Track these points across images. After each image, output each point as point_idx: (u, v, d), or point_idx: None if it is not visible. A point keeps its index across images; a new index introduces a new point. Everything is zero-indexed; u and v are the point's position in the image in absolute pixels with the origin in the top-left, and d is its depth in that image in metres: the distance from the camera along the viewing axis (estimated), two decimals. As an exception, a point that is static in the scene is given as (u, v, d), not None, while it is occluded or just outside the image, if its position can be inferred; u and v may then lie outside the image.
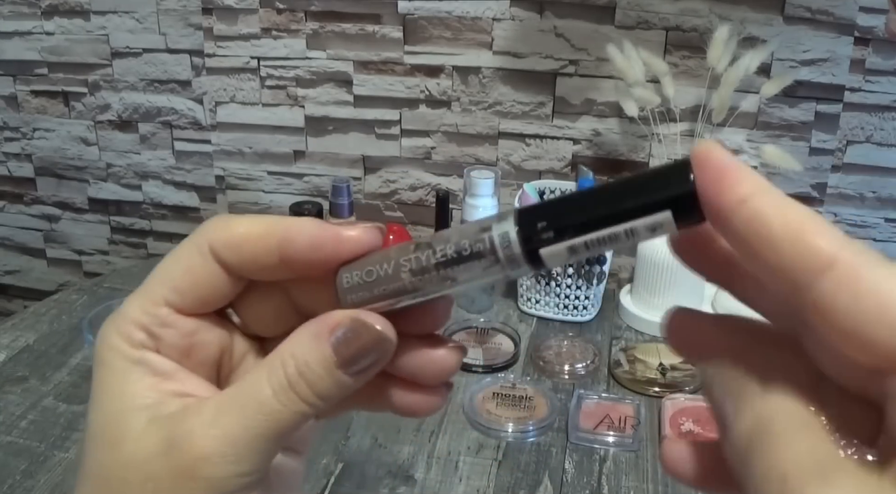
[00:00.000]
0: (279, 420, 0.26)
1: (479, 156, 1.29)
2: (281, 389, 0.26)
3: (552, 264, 0.25)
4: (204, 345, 0.29)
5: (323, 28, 1.27)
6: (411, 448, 0.89)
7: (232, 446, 0.26)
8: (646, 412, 0.94)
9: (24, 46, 1.39)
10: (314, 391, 0.26)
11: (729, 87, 1.04)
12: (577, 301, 1.13)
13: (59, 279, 1.57)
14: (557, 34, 1.19)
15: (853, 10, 1.10)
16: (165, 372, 0.28)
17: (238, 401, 0.26)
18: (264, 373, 0.27)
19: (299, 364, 0.26)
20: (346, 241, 0.27)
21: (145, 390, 0.27)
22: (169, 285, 0.28)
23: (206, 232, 0.28)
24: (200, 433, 0.26)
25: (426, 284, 0.26)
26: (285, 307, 0.29)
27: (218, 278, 0.28)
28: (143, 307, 0.28)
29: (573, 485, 0.84)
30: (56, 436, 0.89)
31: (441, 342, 0.29)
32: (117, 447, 0.26)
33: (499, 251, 0.25)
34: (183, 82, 1.35)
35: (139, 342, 0.27)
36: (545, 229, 0.24)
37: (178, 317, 0.28)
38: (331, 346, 0.26)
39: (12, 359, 1.02)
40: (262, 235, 0.27)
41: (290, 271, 0.28)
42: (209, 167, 1.40)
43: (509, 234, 0.25)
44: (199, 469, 0.25)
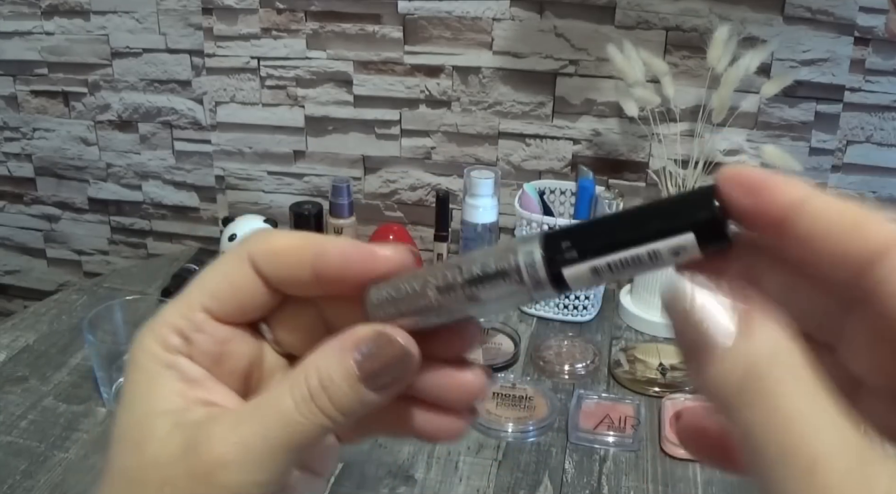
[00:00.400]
0: (299, 432, 0.26)
1: (479, 156, 1.29)
2: (303, 401, 0.26)
3: (576, 285, 0.25)
4: (235, 355, 0.29)
5: (323, 28, 1.27)
6: (411, 448, 0.89)
7: (250, 454, 0.26)
8: (646, 412, 0.94)
9: (24, 46, 1.39)
10: (336, 404, 0.26)
11: (729, 87, 1.04)
12: (577, 301, 1.13)
13: (59, 279, 1.57)
14: (557, 34, 1.19)
15: (853, 10, 1.10)
16: (194, 379, 0.28)
17: (259, 411, 0.27)
18: (287, 385, 0.27)
19: (322, 377, 0.26)
20: (378, 259, 0.27)
21: (173, 395, 0.27)
22: (207, 292, 0.29)
23: (247, 244, 0.29)
24: (219, 439, 0.26)
25: (451, 302, 0.26)
26: (317, 326, 0.30)
27: (255, 287, 0.29)
28: (180, 311, 0.29)
29: (573, 485, 0.84)
30: (56, 436, 0.89)
31: (468, 366, 0.29)
32: (140, 449, 0.27)
33: (523, 271, 0.25)
34: (183, 82, 1.35)
35: (173, 346, 0.28)
36: (569, 249, 0.24)
37: (214, 324, 0.29)
38: (354, 360, 0.26)
39: (12, 359, 1.02)
40: (299, 247, 0.28)
41: (323, 286, 0.28)
42: (209, 167, 1.40)
43: (534, 254, 0.25)
44: (215, 474, 0.26)
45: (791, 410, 0.20)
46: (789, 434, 0.20)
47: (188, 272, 1.18)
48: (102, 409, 0.94)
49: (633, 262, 0.24)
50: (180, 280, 1.16)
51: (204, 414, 0.27)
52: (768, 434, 0.20)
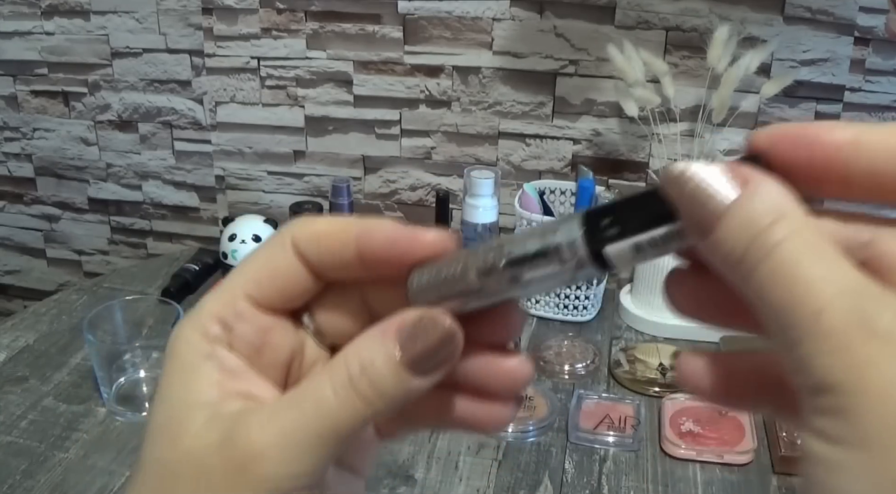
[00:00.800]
0: (338, 420, 0.25)
1: (479, 156, 1.29)
2: (342, 387, 0.25)
3: (619, 264, 0.24)
4: (276, 346, 0.28)
5: (323, 28, 1.27)
6: (411, 448, 0.89)
7: (288, 444, 0.25)
8: (646, 412, 0.94)
9: (24, 46, 1.39)
10: (377, 390, 0.25)
11: (729, 87, 1.04)
12: (577, 301, 1.13)
13: (59, 279, 1.57)
14: (557, 34, 1.19)
15: (853, 10, 1.10)
16: (233, 370, 0.27)
17: (297, 400, 0.26)
18: (327, 372, 0.26)
19: (363, 362, 0.26)
20: (422, 240, 0.27)
21: (210, 386, 0.27)
22: (249, 278, 0.28)
23: (289, 228, 0.28)
24: (256, 430, 0.25)
25: (493, 284, 0.26)
26: (360, 314, 0.29)
27: (297, 272, 0.28)
28: (221, 300, 0.28)
29: (573, 485, 0.84)
30: (56, 436, 0.89)
31: (513, 352, 0.28)
32: (175, 441, 0.26)
33: (564, 250, 0.25)
34: (183, 82, 1.35)
35: (213, 335, 0.27)
36: (609, 226, 0.24)
37: (255, 312, 0.28)
38: (397, 344, 0.26)
39: (12, 359, 1.02)
40: (342, 229, 0.28)
41: (366, 268, 0.27)
42: (209, 167, 1.40)
43: (574, 232, 0.24)
44: (252, 465, 0.25)
45: (797, 261, 0.20)
46: (796, 284, 0.20)
47: (188, 272, 1.18)
48: (102, 409, 0.94)
49: (676, 235, 0.23)
50: (180, 280, 1.16)
51: (241, 407, 0.26)
52: (777, 288, 0.21)
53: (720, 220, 0.22)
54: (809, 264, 0.20)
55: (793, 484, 0.84)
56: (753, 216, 0.21)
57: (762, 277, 0.21)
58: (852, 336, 0.20)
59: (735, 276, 0.22)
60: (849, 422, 0.19)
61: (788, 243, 0.21)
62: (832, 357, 0.20)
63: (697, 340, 1.07)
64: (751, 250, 0.21)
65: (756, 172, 0.22)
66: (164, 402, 0.27)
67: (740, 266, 0.21)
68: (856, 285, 0.20)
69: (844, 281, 0.20)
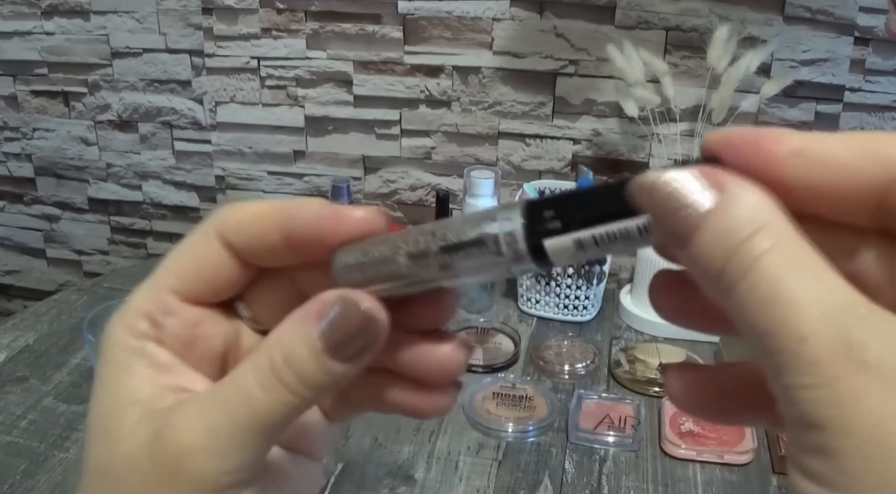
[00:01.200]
0: (265, 412, 0.24)
1: (479, 156, 1.29)
2: (266, 378, 0.25)
3: (558, 260, 0.23)
4: (207, 337, 0.28)
5: (323, 28, 1.27)
6: (411, 447, 0.89)
7: (217, 440, 0.24)
8: (646, 412, 0.94)
9: (24, 46, 1.39)
10: (300, 378, 0.24)
11: (729, 87, 1.04)
12: (577, 301, 1.13)
13: (59, 279, 1.57)
14: (557, 34, 1.19)
15: (853, 10, 1.10)
16: (164, 365, 0.27)
17: (223, 393, 0.25)
18: (250, 362, 0.25)
19: (285, 350, 0.25)
20: (348, 219, 0.26)
21: (142, 383, 0.26)
22: (174, 272, 0.28)
23: (212, 218, 0.28)
24: (184, 425, 0.25)
25: (422, 269, 0.24)
26: (294, 300, 0.28)
27: (223, 261, 0.27)
28: (147, 296, 0.27)
29: (573, 485, 0.84)
30: (56, 436, 0.89)
31: (447, 339, 0.27)
32: (110, 440, 0.26)
33: (501, 241, 0.23)
34: (183, 82, 1.35)
35: (141, 331, 0.27)
36: (551, 219, 0.22)
37: (183, 306, 0.27)
38: (317, 330, 0.25)
39: (12, 359, 1.02)
40: (267, 213, 0.27)
41: (294, 252, 0.27)
42: (209, 167, 1.40)
43: (513, 222, 0.23)
44: (182, 462, 0.24)
45: (779, 278, 0.19)
46: (778, 305, 0.19)
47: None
48: (102, 409, 0.94)
49: (622, 236, 0.22)
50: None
51: (173, 401, 0.26)
52: (758, 309, 0.19)
53: (696, 230, 0.20)
54: (792, 282, 0.19)
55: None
56: (732, 226, 0.20)
57: (742, 295, 0.19)
58: (839, 368, 0.18)
59: (715, 292, 0.20)
60: (835, 464, 0.18)
61: (770, 257, 0.19)
62: (818, 391, 0.18)
63: (697, 340, 1.07)
64: (730, 265, 0.19)
65: (733, 177, 0.20)
66: (99, 402, 0.27)
67: (720, 282, 0.20)
68: (842, 304, 0.19)
69: (830, 301, 0.19)
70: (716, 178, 0.20)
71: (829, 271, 0.19)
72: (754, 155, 0.21)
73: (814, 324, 0.18)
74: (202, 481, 0.24)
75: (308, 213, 0.26)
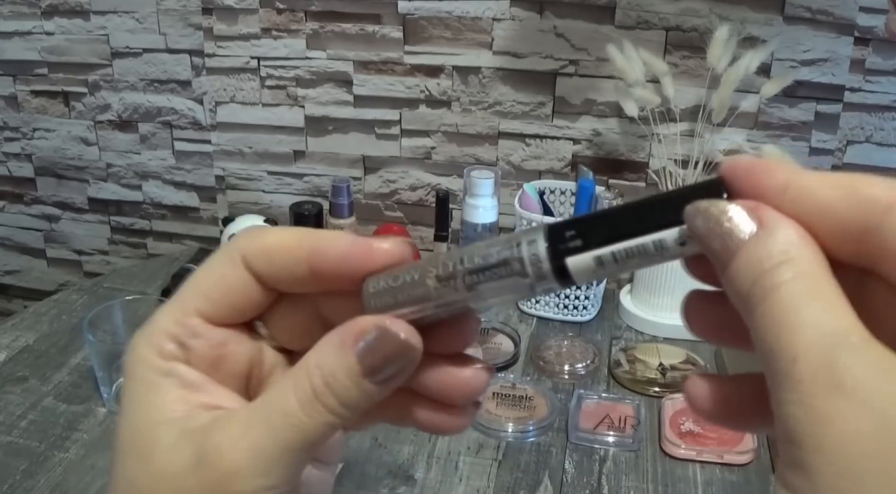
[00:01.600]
0: (307, 432, 0.26)
1: (479, 156, 1.29)
2: (308, 401, 0.26)
3: (579, 277, 0.24)
4: (233, 356, 0.29)
5: (323, 28, 1.27)
6: (411, 447, 0.89)
7: (261, 459, 0.25)
8: (646, 412, 0.94)
9: (24, 46, 1.39)
10: (340, 401, 0.26)
11: (729, 87, 1.04)
12: (577, 301, 1.13)
13: (59, 279, 1.57)
14: (557, 34, 1.19)
15: (853, 10, 1.10)
16: (194, 384, 0.28)
17: (265, 414, 0.26)
18: (290, 384, 0.26)
19: (325, 375, 0.26)
20: (377, 253, 0.27)
21: (174, 403, 0.27)
22: (200, 295, 0.28)
23: (238, 243, 0.28)
24: (229, 446, 0.26)
25: (451, 293, 0.26)
26: (314, 321, 0.29)
27: (249, 287, 0.28)
28: (174, 318, 0.28)
29: (573, 485, 0.84)
30: (56, 436, 0.89)
31: (469, 362, 0.28)
32: (148, 460, 0.26)
33: (526, 261, 0.25)
34: (183, 82, 1.35)
35: (169, 353, 0.28)
36: (572, 239, 0.24)
37: (209, 327, 0.28)
38: (356, 355, 0.26)
39: (12, 359, 1.02)
40: (293, 245, 0.27)
41: (320, 283, 0.28)
42: (209, 167, 1.40)
43: (537, 244, 0.24)
44: (228, 483, 0.25)
45: (791, 305, 0.21)
46: (783, 328, 0.20)
47: (188, 272, 1.17)
48: (102, 409, 0.94)
49: (639, 252, 0.24)
50: (180, 280, 1.15)
51: (209, 419, 0.27)
52: (768, 330, 0.21)
53: (733, 256, 0.22)
54: (801, 309, 0.20)
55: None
56: (762, 256, 0.22)
57: (759, 317, 0.21)
58: (818, 388, 0.19)
59: (742, 312, 0.22)
60: (807, 479, 0.19)
61: (788, 286, 0.21)
62: (798, 408, 0.20)
63: (697, 340, 1.07)
64: (754, 289, 0.21)
65: (774, 213, 0.22)
66: (130, 421, 0.27)
67: (746, 304, 0.22)
68: (837, 331, 0.20)
69: (827, 327, 0.20)
70: (758, 212, 0.22)
71: (840, 302, 0.21)
72: (756, 184, 0.23)
73: (806, 346, 0.20)
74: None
75: (336, 249, 0.27)
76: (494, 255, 0.25)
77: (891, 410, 0.19)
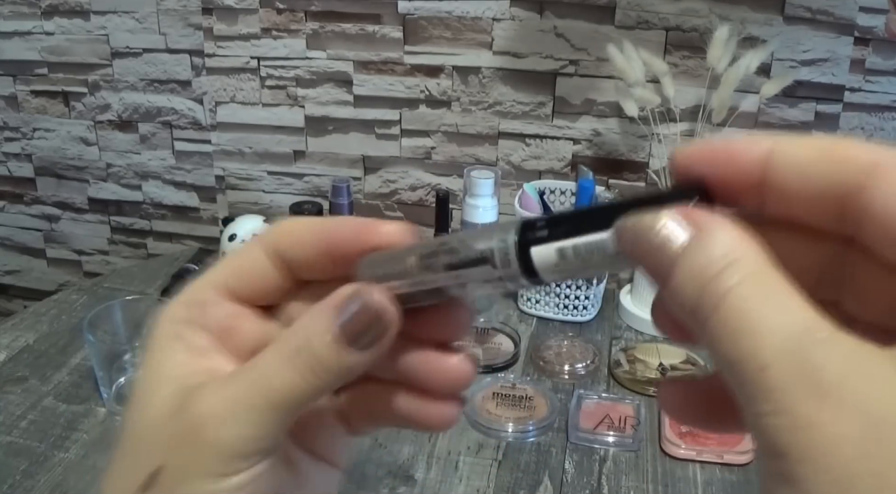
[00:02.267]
0: (281, 389, 0.27)
1: (479, 156, 1.29)
2: (287, 358, 0.27)
3: (544, 270, 0.24)
4: (244, 332, 0.30)
5: (323, 28, 1.27)
6: (411, 447, 0.89)
7: (233, 409, 0.26)
8: (646, 412, 0.94)
9: (24, 46, 1.39)
10: (318, 361, 0.27)
11: (729, 87, 1.04)
12: (576, 301, 1.13)
13: (59, 279, 1.57)
14: (557, 34, 1.19)
15: (853, 10, 1.10)
16: (200, 349, 0.29)
17: (245, 370, 0.28)
18: (273, 345, 0.28)
19: (306, 336, 0.27)
20: (381, 230, 0.28)
21: (179, 364, 0.29)
22: (225, 272, 0.30)
23: (268, 230, 0.30)
24: (208, 395, 0.27)
25: (428, 272, 0.27)
26: None
27: (267, 271, 0.30)
28: (197, 286, 0.30)
29: (573, 485, 0.84)
30: (56, 436, 0.89)
31: (455, 352, 0.29)
32: (144, 410, 0.28)
33: (495, 249, 0.25)
34: (183, 82, 1.35)
35: (183, 317, 0.29)
36: (541, 229, 0.25)
37: (225, 301, 0.30)
38: (333, 318, 0.27)
39: (12, 359, 1.02)
40: (311, 228, 0.29)
41: (334, 263, 0.29)
42: (209, 167, 1.40)
43: (511, 232, 0.25)
44: (201, 430, 0.26)
45: (745, 310, 0.19)
46: (742, 336, 0.19)
47: (188, 272, 1.18)
48: (102, 409, 0.94)
49: (598, 248, 0.23)
50: (180, 280, 1.15)
51: (205, 379, 0.28)
52: (726, 341, 0.20)
53: (672, 270, 0.21)
54: (757, 312, 0.19)
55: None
56: (704, 263, 0.20)
57: (713, 328, 0.20)
58: (796, 394, 0.18)
59: (692, 325, 0.21)
60: (798, 490, 0.18)
61: (738, 290, 0.20)
62: (777, 418, 0.19)
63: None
64: (703, 300, 0.20)
65: (709, 215, 0.21)
66: (141, 377, 0.29)
67: (695, 318, 0.20)
68: (803, 330, 0.19)
69: (791, 328, 0.19)
70: (692, 217, 0.21)
71: (796, 299, 0.20)
72: (728, 165, 0.22)
73: (774, 352, 0.19)
74: (220, 444, 0.26)
75: (347, 227, 0.29)
76: (472, 240, 0.26)
77: (873, 408, 0.18)
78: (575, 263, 0.24)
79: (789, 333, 0.19)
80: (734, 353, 0.19)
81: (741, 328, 0.19)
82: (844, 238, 0.22)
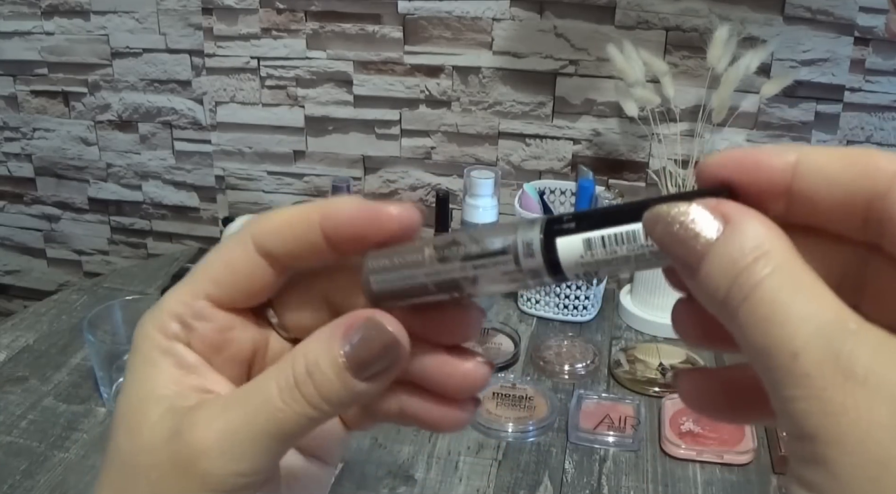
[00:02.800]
0: (282, 420, 0.25)
1: (479, 156, 1.29)
2: (287, 388, 0.25)
3: (569, 264, 0.24)
4: (237, 342, 0.28)
5: (323, 28, 1.27)
6: (411, 447, 0.89)
7: (231, 441, 0.25)
8: (646, 412, 0.94)
9: (24, 46, 1.39)
10: (321, 393, 0.25)
11: (729, 87, 1.04)
12: (577, 301, 1.13)
13: (59, 279, 1.57)
14: (557, 34, 1.19)
15: (853, 10, 1.10)
16: (190, 365, 0.28)
17: (244, 397, 0.26)
18: (275, 371, 0.26)
19: (309, 364, 0.26)
20: (387, 215, 0.26)
21: (167, 381, 0.27)
22: (209, 277, 0.28)
23: (247, 226, 0.28)
24: (203, 425, 0.25)
25: (445, 264, 0.26)
26: (323, 309, 0.29)
27: (257, 268, 0.28)
28: (181, 299, 0.28)
29: (573, 485, 0.84)
30: (56, 436, 0.89)
31: (470, 356, 0.28)
32: (133, 433, 0.27)
33: (519, 241, 0.25)
34: (183, 82, 1.35)
35: (172, 332, 0.28)
36: (567, 222, 0.24)
37: (215, 311, 0.28)
38: (342, 348, 0.26)
39: (12, 359, 1.02)
40: (304, 214, 0.27)
41: (333, 250, 0.27)
42: (209, 167, 1.40)
43: (535, 226, 0.25)
44: (197, 461, 0.25)
45: (776, 300, 0.20)
46: (774, 325, 0.20)
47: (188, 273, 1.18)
48: (102, 409, 0.94)
49: (628, 239, 0.23)
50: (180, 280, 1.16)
51: (196, 401, 0.27)
52: (757, 329, 0.20)
53: (703, 259, 0.21)
54: (788, 302, 0.20)
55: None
56: (735, 255, 0.21)
57: (744, 317, 0.20)
58: (828, 380, 0.19)
59: (721, 316, 0.21)
60: (828, 473, 0.19)
61: (769, 282, 0.20)
62: (809, 403, 0.19)
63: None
64: (733, 290, 0.21)
65: (738, 207, 0.22)
66: (126, 395, 0.28)
67: (725, 307, 0.21)
68: (833, 321, 0.20)
69: (822, 318, 0.20)
70: (721, 209, 0.22)
71: (825, 291, 0.20)
72: (754, 171, 0.22)
73: (806, 340, 0.19)
74: (213, 481, 0.25)
75: (345, 209, 0.27)
76: (493, 233, 0.25)
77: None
78: (600, 255, 0.24)
79: (821, 322, 0.20)
80: (765, 341, 0.20)
81: (773, 318, 0.20)
82: (866, 245, 0.22)
